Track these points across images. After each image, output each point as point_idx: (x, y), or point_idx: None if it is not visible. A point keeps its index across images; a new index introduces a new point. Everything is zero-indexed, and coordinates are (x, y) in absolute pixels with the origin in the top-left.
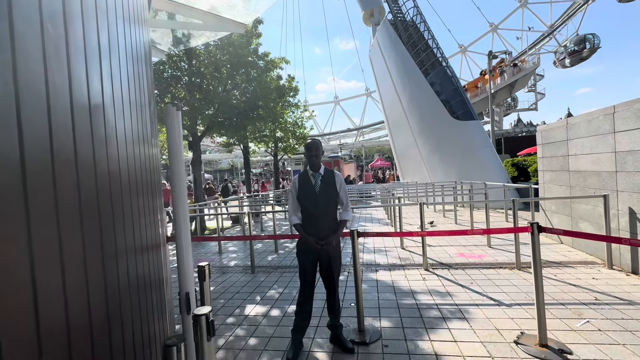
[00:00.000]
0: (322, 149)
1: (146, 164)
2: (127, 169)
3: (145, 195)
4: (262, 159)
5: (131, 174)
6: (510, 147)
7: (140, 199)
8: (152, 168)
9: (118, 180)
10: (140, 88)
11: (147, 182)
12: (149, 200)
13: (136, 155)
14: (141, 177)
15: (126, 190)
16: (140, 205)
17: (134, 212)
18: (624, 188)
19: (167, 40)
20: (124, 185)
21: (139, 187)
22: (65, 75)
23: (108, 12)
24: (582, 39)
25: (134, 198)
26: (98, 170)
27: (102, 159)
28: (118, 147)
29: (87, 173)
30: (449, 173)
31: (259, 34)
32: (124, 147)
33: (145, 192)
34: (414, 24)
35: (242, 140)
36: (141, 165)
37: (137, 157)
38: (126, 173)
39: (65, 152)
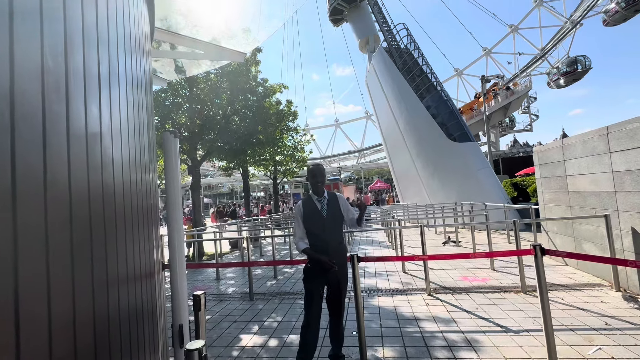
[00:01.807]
0: (325, 174)
1: (143, 190)
2: (123, 195)
3: (140, 222)
4: (262, 182)
5: (126, 200)
6: (508, 167)
7: (135, 225)
8: (148, 193)
9: (112, 207)
10: (140, 115)
11: (143, 208)
12: (145, 227)
13: (132, 181)
14: (137, 203)
15: (120, 216)
16: (135, 231)
17: (128, 239)
18: (624, 208)
19: (169, 69)
20: (118, 212)
21: (134, 213)
22: (63, 105)
23: (110, 44)
24: (574, 61)
25: (128, 224)
26: (92, 198)
27: (96, 186)
28: (114, 174)
29: (81, 202)
30: (448, 194)
31: (258, 62)
32: (120, 174)
33: (141, 218)
34: (408, 50)
35: (241, 165)
36: (137, 191)
37: (134, 183)
38: (121, 200)
39: (59, 184)
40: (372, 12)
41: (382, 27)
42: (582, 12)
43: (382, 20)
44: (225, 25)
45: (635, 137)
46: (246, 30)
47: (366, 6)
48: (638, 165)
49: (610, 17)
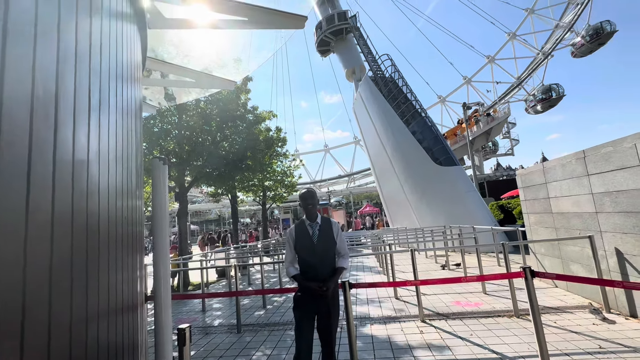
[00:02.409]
0: (317, 198)
1: (128, 217)
2: (107, 222)
3: (125, 250)
4: (251, 208)
5: (111, 228)
6: (493, 190)
7: (119, 254)
8: (134, 221)
9: (96, 236)
10: (129, 142)
11: (128, 236)
12: (129, 256)
13: (118, 208)
14: (121, 231)
15: (104, 245)
16: (118, 261)
17: (111, 269)
18: (606, 229)
19: (159, 97)
20: (102, 240)
21: (118, 242)
22: (51, 132)
23: (101, 72)
24: (548, 88)
25: (112, 253)
26: (75, 226)
27: (81, 214)
28: (99, 201)
29: (63, 232)
30: (437, 218)
31: (248, 90)
32: (105, 201)
33: (126, 246)
34: (393, 79)
35: (230, 191)
36: (123, 219)
37: (119, 210)
38: (105, 227)
39: (41, 211)
40: (357, 44)
41: (367, 57)
42: (552, 44)
43: (367, 52)
44: (216, 55)
45: (610, 160)
46: (237, 60)
47: (352, 38)
48: (615, 187)
49: (578, 50)
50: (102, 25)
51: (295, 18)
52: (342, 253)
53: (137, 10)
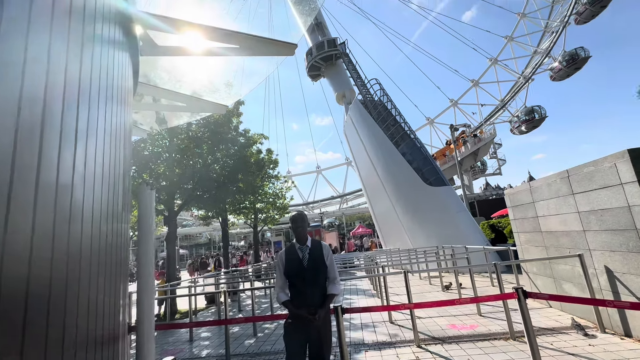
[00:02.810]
0: (307, 221)
1: (113, 242)
2: (90, 248)
3: (108, 277)
4: (242, 231)
5: (94, 253)
6: (483, 209)
7: (101, 281)
8: (119, 246)
9: (77, 262)
10: (116, 166)
11: (111, 262)
12: (112, 283)
13: (102, 233)
14: (105, 258)
15: (85, 272)
16: (100, 289)
17: (92, 297)
18: (595, 247)
19: (150, 121)
20: (83, 267)
21: (101, 268)
22: (35, 157)
23: (91, 97)
24: (531, 110)
25: (94, 280)
26: (55, 252)
27: (62, 238)
28: (82, 225)
29: (43, 257)
30: (429, 238)
31: (239, 113)
32: (89, 225)
33: (109, 273)
34: (382, 102)
35: (220, 213)
36: (107, 244)
37: (104, 234)
38: (88, 253)
39: (20, 236)
40: (347, 69)
41: (356, 82)
42: (531, 69)
43: (357, 76)
44: (208, 79)
45: (593, 179)
46: (228, 85)
47: (341, 64)
48: (600, 205)
49: (556, 74)
50: (93, 52)
51: (285, 46)
52: (332, 277)
53: (129, 38)
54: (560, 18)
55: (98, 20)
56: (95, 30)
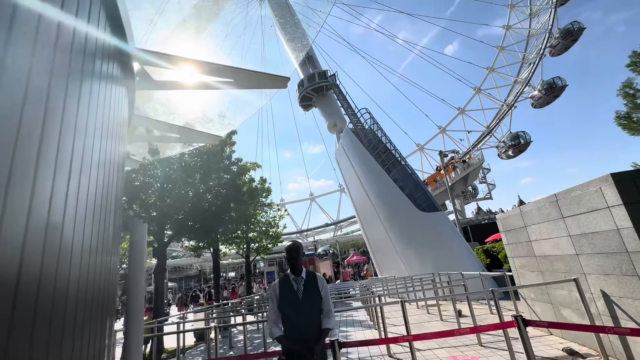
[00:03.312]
0: (303, 251)
1: (101, 278)
2: (78, 285)
3: (94, 316)
4: (234, 261)
5: (81, 290)
6: (476, 234)
7: (86, 320)
8: (107, 281)
9: (64, 301)
10: (108, 199)
11: (99, 299)
12: (98, 322)
13: (91, 268)
14: (92, 294)
15: (71, 311)
16: (85, 328)
17: (77, 338)
18: (589, 270)
19: (142, 151)
20: (69, 305)
21: (87, 306)
22: (27, 195)
23: (87, 131)
24: (516, 135)
25: (79, 320)
26: (41, 292)
27: (49, 277)
28: (71, 262)
29: (27, 301)
30: (425, 265)
31: (232, 143)
32: (78, 261)
33: (95, 311)
34: (372, 131)
35: (212, 244)
36: (95, 280)
37: (92, 269)
38: (75, 291)
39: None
40: (337, 99)
41: (347, 111)
42: (513, 97)
43: (347, 106)
44: (201, 111)
45: (581, 203)
46: (222, 115)
47: (332, 94)
48: (590, 228)
49: (536, 101)
50: (91, 87)
51: (278, 79)
52: (327, 310)
53: (126, 74)
54: (536, 51)
55: (97, 57)
56: (94, 66)
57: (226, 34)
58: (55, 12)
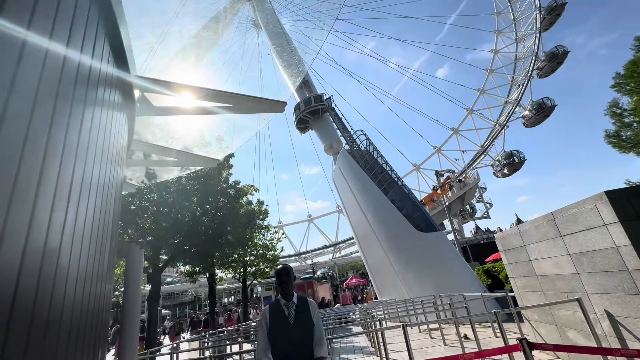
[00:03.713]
0: (293, 274)
1: (95, 305)
2: (72, 313)
3: (86, 345)
4: (230, 286)
5: (75, 318)
6: (476, 254)
7: (79, 350)
8: (100, 309)
9: (57, 329)
10: (105, 225)
11: (91, 327)
12: (89, 351)
13: (85, 296)
14: (85, 322)
15: (64, 340)
16: (77, 359)
17: None
18: (592, 290)
19: (140, 175)
20: (62, 334)
21: (80, 335)
22: (26, 221)
23: (87, 157)
24: (510, 154)
25: (71, 350)
26: (35, 320)
27: (43, 306)
28: (66, 289)
29: (20, 330)
30: (425, 286)
31: (230, 166)
32: (72, 289)
33: (87, 340)
34: (368, 152)
35: (208, 268)
36: (89, 308)
37: (86, 296)
38: (68, 319)
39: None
40: (333, 122)
41: (343, 133)
42: (505, 117)
43: (343, 128)
44: (199, 135)
45: (578, 221)
46: (220, 139)
47: (328, 117)
48: (589, 246)
49: (527, 121)
50: (93, 114)
51: (275, 104)
52: (319, 337)
53: (127, 101)
54: (524, 73)
55: (100, 85)
56: (97, 94)
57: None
58: (62, 44)
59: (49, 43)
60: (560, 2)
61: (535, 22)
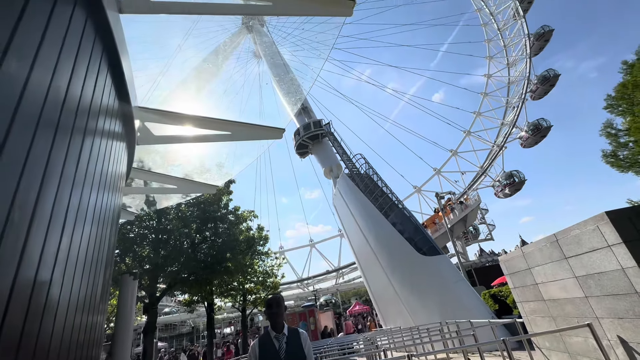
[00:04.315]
0: (284, 304)
1: (85, 338)
2: (60, 345)
3: None
4: (229, 315)
5: (63, 351)
6: (482, 277)
7: None
8: (91, 342)
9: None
10: (100, 254)
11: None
12: None
13: (75, 327)
14: (74, 356)
15: None
16: None
17: None
18: (602, 314)
19: (139, 202)
20: None
21: None
22: (19, 248)
23: (84, 184)
24: (510, 175)
25: None
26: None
27: (31, 336)
28: (55, 319)
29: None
30: (430, 312)
31: (230, 192)
32: (62, 318)
33: None
34: (368, 175)
35: (206, 297)
36: (78, 341)
37: (77, 329)
38: (56, 352)
39: None
40: (332, 146)
41: (342, 157)
42: (502, 138)
43: (342, 152)
44: (200, 161)
45: (581, 242)
46: (220, 165)
47: (327, 141)
48: (595, 269)
49: (525, 142)
50: (92, 144)
51: (274, 130)
52: None
53: (128, 131)
54: (517, 95)
55: (101, 116)
56: (97, 125)
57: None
58: (65, 77)
59: (53, 76)
60: (547, 29)
61: (525, 47)
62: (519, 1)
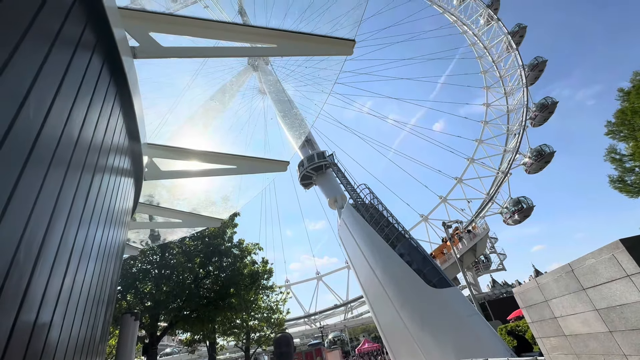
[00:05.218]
0: (293, 344)
1: None
2: None
3: None
4: (232, 355)
5: None
6: (497, 311)
7: None
8: None
9: None
10: (102, 292)
11: None
12: None
13: None
14: None
15: None
16: None
17: None
18: (630, 351)
19: (144, 237)
20: None
21: None
22: (21, 289)
23: (91, 221)
24: (517, 201)
25: None
26: None
27: None
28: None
29: None
30: (444, 350)
31: (234, 224)
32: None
33: None
34: (373, 205)
35: (208, 336)
36: None
37: None
38: None
39: None
40: (336, 177)
41: (346, 187)
42: (507, 165)
43: (346, 182)
44: (205, 195)
45: (597, 272)
46: (225, 198)
47: (331, 172)
48: (616, 300)
49: (529, 167)
50: (102, 180)
51: (278, 163)
52: None
53: (136, 167)
54: (518, 123)
55: (111, 153)
56: (107, 162)
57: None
58: (80, 118)
59: (68, 118)
60: (540, 60)
61: (521, 78)
62: (511, 35)
